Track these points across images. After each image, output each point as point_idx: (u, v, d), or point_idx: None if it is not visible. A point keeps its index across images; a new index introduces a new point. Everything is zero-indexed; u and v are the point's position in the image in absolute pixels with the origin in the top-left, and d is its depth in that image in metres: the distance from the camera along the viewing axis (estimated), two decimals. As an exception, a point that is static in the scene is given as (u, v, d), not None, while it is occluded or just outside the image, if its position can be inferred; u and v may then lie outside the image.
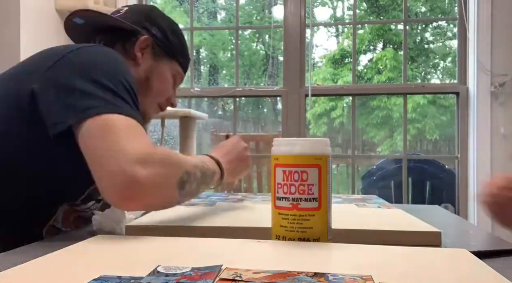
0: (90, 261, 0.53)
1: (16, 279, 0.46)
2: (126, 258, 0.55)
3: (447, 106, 7.51)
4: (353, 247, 0.60)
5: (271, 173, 0.64)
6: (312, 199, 0.61)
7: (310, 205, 0.61)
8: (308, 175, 0.61)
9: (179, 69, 1.05)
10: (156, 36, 0.99)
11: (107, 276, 0.45)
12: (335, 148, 8.48)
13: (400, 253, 0.58)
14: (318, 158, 0.61)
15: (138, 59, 0.97)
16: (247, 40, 8.38)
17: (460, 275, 0.49)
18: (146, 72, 0.98)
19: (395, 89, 3.12)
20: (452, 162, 3.08)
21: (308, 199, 0.61)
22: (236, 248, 0.60)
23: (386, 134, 7.99)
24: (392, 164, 3.99)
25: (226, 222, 0.77)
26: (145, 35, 0.97)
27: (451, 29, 7.14)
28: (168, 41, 1.01)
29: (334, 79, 7.84)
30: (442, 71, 8.24)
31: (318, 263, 0.53)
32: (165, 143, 2.84)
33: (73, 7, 2.29)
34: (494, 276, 0.47)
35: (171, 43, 1.02)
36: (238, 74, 2.91)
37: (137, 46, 0.97)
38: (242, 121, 5.21)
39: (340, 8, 9.29)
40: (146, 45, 0.98)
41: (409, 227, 0.74)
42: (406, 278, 0.47)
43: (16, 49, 2.06)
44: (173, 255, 0.56)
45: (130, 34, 0.97)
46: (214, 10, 8.13)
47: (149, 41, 0.98)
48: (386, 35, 7.96)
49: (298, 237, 0.61)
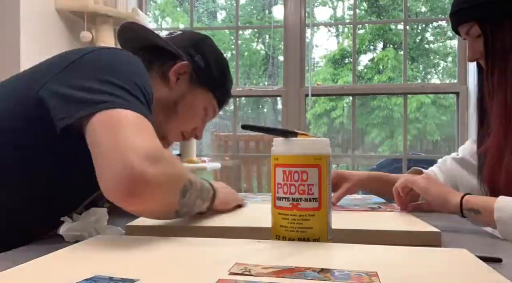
0: (90, 261, 0.53)
1: (16, 279, 0.46)
2: (125, 258, 0.55)
3: (447, 106, 7.51)
4: (353, 247, 0.60)
5: (271, 173, 0.64)
6: (312, 199, 0.61)
7: (310, 205, 0.61)
8: (308, 175, 0.61)
9: (213, 102, 1.01)
10: (197, 64, 0.97)
11: (100, 276, 0.45)
12: (335, 148, 8.50)
13: (401, 253, 0.58)
14: (318, 158, 0.61)
15: (171, 82, 0.95)
16: (247, 40, 8.37)
17: (460, 275, 0.49)
18: (176, 97, 0.96)
19: (395, 89, 3.12)
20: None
21: (308, 199, 0.61)
22: (236, 248, 0.60)
23: (387, 134, 7.99)
24: (392, 164, 3.99)
25: (226, 222, 0.77)
26: (185, 62, 0.95)
27: (451, 29, 7.14)
28: (209, 72, 0.98)
29: (334, 79, 7.84)
30: (442, 71, 8.24)
31: (320, 262, 0.53)
32: (165, 143, 2.84)
33: (73, 7, 2.30)
34: (494, 276, 0.47)
35: (212, 75, 0.99)
36: (238, 74, 2.91)
37: (173, 70, 0.95)
38: (242, 121, 5.21)
39: (340, 8, 9.29)
40: (184, 72, 0.96)
41: (409, 227, 0.74)
42: (407, 278, 0.47)
43: (16, 49, 2.06)
44: (173, 255, 0.56)
45: (172, 57, 0.95)
46: (214, 10, 8.13)
47: (187, 68, 0.96)
48: (386, 35, 7.96)
49: (298, 237, 0.61)
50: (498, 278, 0.46)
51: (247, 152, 3.51)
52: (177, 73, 0.95)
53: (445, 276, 0.48)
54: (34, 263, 0.51)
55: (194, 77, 0.97)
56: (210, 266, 0.50)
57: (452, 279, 0.47)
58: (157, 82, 0.93)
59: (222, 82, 1.02)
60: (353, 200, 1.11)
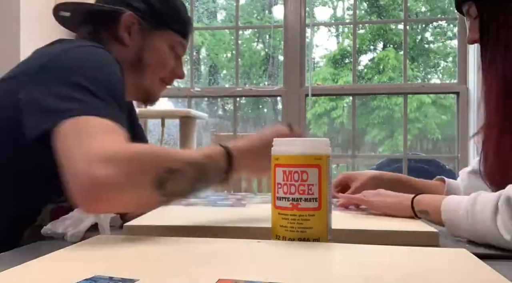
0: (90, 261, 0.53)
1: (16, 279, 0.46)
2: (125, 258, 0.55)
3: (448, 106, 7.51)
4: (353, 247, 0.60)
5: (271, 173, 0.64)
6: (312, 199, 0.61)
7: (310, 205, 0.61)
8: (308, 175, 0.61)
9: (176, 38, 0.98)
10: (140, 10, 0.94)
11: (100, 276, 0.45)
12: (335, 148, 8.49)
13: (401, 253, 0.58)
14: (318, 158, 0.61)
15: (125, 40, 0.93)
16: (247, 40, 8.38)
17: (460, 275, 0.49)
18: (137, 52, 0.94)
19: (395, 89, 3.12)
20: (452, 162, 3.08)
21: (308, 199, 0.61)
22: (236, 248, 0.60)
23: (387, 134, 7.99)
24: (392, 164, 3.99)
25: (226, 222, 0.77)
26: (128, 12, 0.92)
27: (451, 29, 7.13)
28: (155, 11, 0.95)
29: (334, 79, 7.84)
30: (442, 71, 8.24)
31: (319, 263, 0.53)
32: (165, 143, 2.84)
33: (73, 7, 2.29)
34: (494, 276, 0.47)
35: (159, 12, 0.95)
36: (238, 74, 2.91)
37: (121, 27, 0.92)
38: (242, 121, 5.22)
39: (340, 8, 9.29)
40: (132, 23, 0.93)
41: (406, 227, 0.74)
42: (407, 278, 0.47)
43: (16, 49, 2.06)
44: (172, 255, 0.56)
45: (113, 16, 0.92)
46: (214, 10, 8.13)
47: (133, 18, 0.93)
48: (387, 35, 7.96)
49: (298, 237, 0.61)
50: (499, 278, 0.46)
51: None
52: (126, 28, 0.93)
53: (445, 276, 0.48)
54: (34, 263, 0.51)
55: (143, 24, 0.94)
56: (210, 266, 0.50)
57: (452, 279, 0.47)
58: (113, 46, 0.92)
59: (174, 15, 0.98)
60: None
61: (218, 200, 1.04)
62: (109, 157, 0.62)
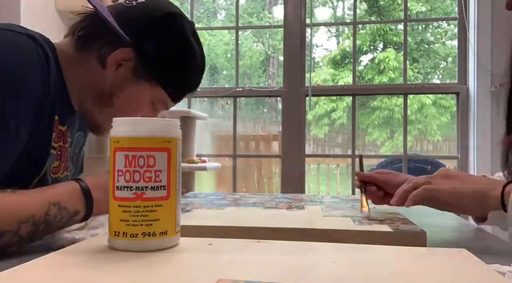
0: (88, 262, 0.53)
1: (15, 279, 0.46)
2: (124, 259, 0.54)
3: (448, 106, 7.51)
4: (346, 247, 0.60)
5: (110, 158, 0.55)
6: (160, 187, 0.54)
7: (157, 194, 0.54)
8: (156, 160, 0.54)
9: (163, 97, 0.87)
10: (145, 52, 0.82)
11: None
12: (335, 148, 8.49)
13: (400, 253, 0.58)
14: (167, 141, 0.55)
15: (107, 70, 0.82)
16: (247, 40, 8.38)
17: (460, 275, 0.49)
18: (112, 87, 0.83)
19: (395, 89, 3.12)
20: (452, 162, 3.08)
21: (155, 187, 0.54)
22: (236, 248, 0.60)
23: (387, 134, 7.99)
24: (393, 164, 4.00)
25: (226, 222, 0.77)
26: (129, 48, 0.81)
27: (451, 29, 7.14)
28: (159, 63, 0.84)
29: (334, 79, 7.84)
30: (442, 72, 8.24)
31: (319, 263, 0.53)
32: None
33: (74, 7, 2.29)
34: (494, 276, 0.47)
35: (163, 67, 0.84)
36: (238, 74, 2.91)
37: (113, 56, 0.81)
38: (242, 121, 5.21)
39: (340, 8, 9.29)
40: (128, 58, 0.82)
41: (392, 227, 0.72)
42: (407, 278, 0.47)
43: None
44: (172, 255, 0.56)
45: (115, 39, 0.81)
46: (214, 10, 8.13)
47: (130, 55, 0.82)
48: (387, 35, 7.96)
49: (142, 232, 0.54)
50: (499, 278, 0.46)
51: (247, 152, 3.51)
52: (118, 60, 0.82)
53: (445, 276, 0.48)
54: (36, 262, 0.51)
55: (139, 67, 0.83)
56: (209, 266, 0.50)
57: (452, 279, 0.47)
58: (91, 65, 0.83)
59: (178, 75, 0.87)
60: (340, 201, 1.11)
61: (216, 200, 1.04)
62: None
